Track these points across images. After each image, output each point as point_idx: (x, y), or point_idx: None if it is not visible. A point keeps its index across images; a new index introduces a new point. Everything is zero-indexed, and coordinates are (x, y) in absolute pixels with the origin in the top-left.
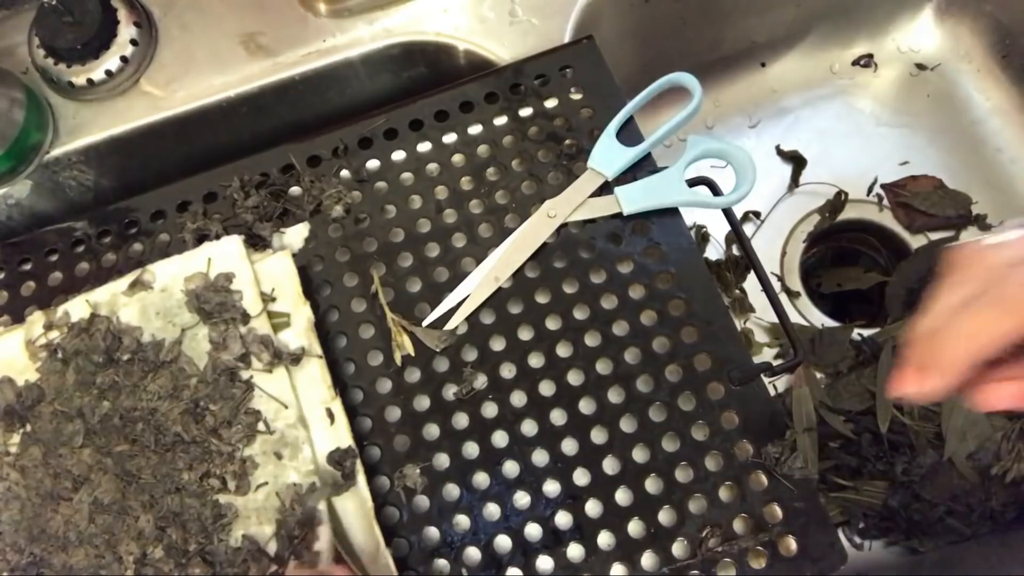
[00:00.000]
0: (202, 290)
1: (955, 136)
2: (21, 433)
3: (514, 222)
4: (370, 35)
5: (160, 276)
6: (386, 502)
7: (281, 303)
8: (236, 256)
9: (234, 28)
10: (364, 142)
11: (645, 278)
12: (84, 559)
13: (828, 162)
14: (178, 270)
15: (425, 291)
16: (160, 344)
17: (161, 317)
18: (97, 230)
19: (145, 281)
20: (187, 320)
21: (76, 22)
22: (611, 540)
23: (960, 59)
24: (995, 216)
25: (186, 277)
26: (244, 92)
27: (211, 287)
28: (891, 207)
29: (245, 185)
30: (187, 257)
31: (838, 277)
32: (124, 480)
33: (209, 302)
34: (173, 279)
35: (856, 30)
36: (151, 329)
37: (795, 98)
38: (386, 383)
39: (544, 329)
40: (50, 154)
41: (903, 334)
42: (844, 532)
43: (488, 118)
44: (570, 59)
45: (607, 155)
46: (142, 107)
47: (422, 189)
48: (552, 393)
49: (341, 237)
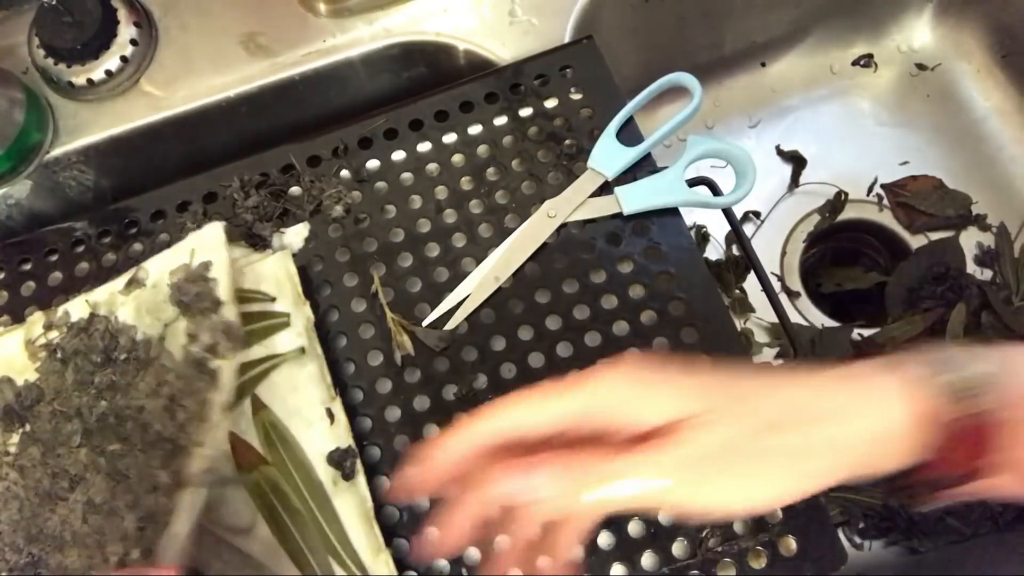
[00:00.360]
0: (183, 282)
1: (955, 136)
2: (20, 433)
3: (514, 222)
4: (370, 35)
5: (152, 272)
6: (386, 502)
7: (281, 303)
8: (216, 243)
9: (234, 28)
10: (364, 142)
11: (645, 278)
12: (77, 559)
13: (828, 162)
14: (166, 264)
15: (425, 291)
16: (149, 341)
17: (150, 313)
18: (97, 230)
19: (139, 279)
20: (170, 314)
21: (76, 22)
22: (611, 540)
23: (960, 59)
24: (995, 216)
25: (171, 271)
26: (244, 92)
27: (191, 278)
28: (891, 207)
29: (245, 185)
30: (175, 250)
31: (838, 277)
32: (115, 480)
33: (188, 294)
34: (161, 274)
35: (856, 30)
36: (143, 327)
37: (795, 98)
38: (386, 383)
39: (544, 329)
40: (50, 154)
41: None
42: (844, 532)
43: (488, 118)
44: (570, 59)
45: (607, 155)
46: (142, 107)
47: (422, 189)
48: None
49: (341, 237)
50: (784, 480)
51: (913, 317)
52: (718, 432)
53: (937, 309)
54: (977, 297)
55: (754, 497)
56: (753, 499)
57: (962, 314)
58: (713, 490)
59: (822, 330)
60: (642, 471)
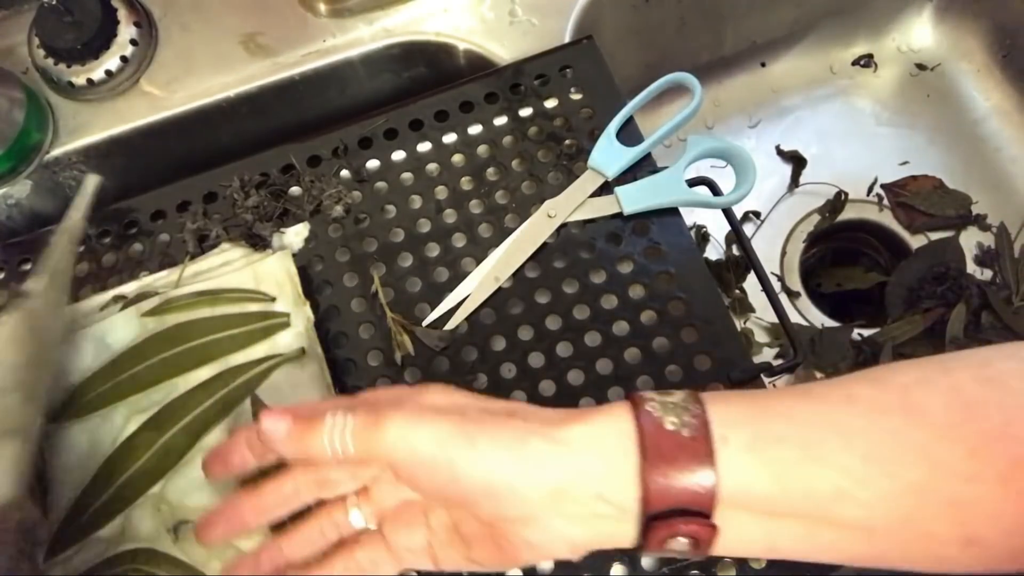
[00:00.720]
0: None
1: (955, 136)
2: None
3: (514, 222)
4: (370, 35)
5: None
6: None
7: (281, 303)
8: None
9: (234, 28)
10: (364, 142)
11: (645, 278)
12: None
13: (828, 162)
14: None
15: (425, 291)
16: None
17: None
18: (97, 230)
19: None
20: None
21: (76, 22)
22: None
23: (960, 59)
24: (995, 216)
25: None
26: (244, 92)
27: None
28: (891, 207)
29: (245, 185)
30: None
31: (838, 277)
32: None
33: None
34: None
35: (856, 30)
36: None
37: (795, 98)
38: (386, 383)
39: (544, 329)
40: (50, 154)
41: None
42: None
43: (488, 118)
44: (570, 59)
45: (607, 155)
46: (142, 107)
47: (422, 189)
48: (552, 393)
49: (341, 237)
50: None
51: (913, 317)
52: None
53: (937, 309)
54: (977, 297)
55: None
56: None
57: (962, 314)
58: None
59: (822, 330)
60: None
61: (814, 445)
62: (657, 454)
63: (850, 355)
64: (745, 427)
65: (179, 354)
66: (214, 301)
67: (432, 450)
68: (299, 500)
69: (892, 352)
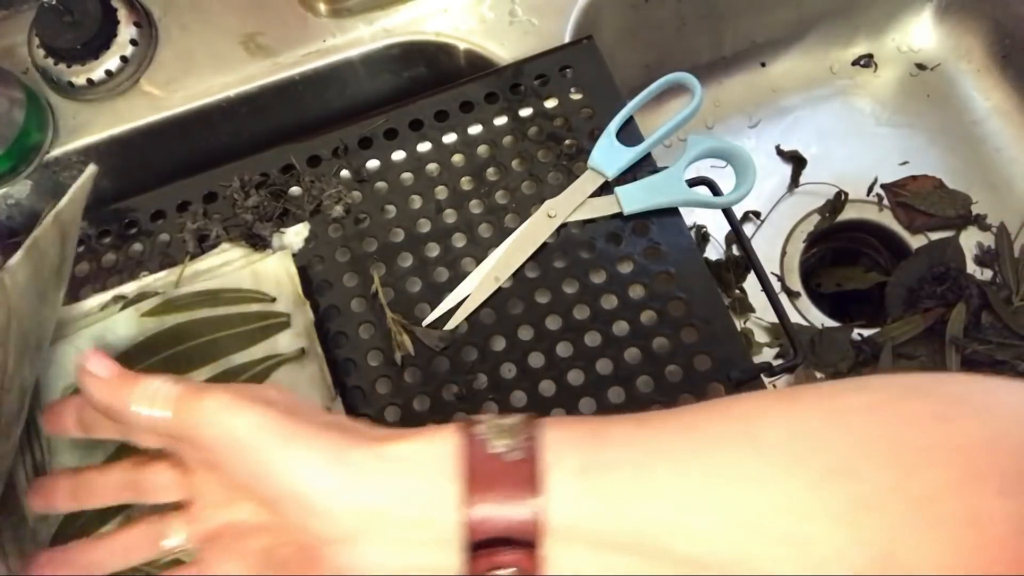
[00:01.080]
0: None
1: (955, 136)
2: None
3: (514, 222)
4: (370, 35)
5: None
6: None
7: (281, 303)
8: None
9: (234, 28)
10: (364, 142)
11: (645, 278)
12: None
13: (828, 162)
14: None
15: (425, 291)
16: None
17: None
18: (97, 230)
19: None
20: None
21: (76, 22)
22: None
23: (960, 59)
24: (995, 216)
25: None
26: (244, 92)
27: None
28: (891, 207)
29: (245, 185)
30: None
31: (838, 277)
32: None
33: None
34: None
35: (856, 30)
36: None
37: (795, 98)
38: (386, 383)
39: (544, 329)
40: (50, 154)
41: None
42: None
43: (488, 118)
44: (570, 59)
45: (607, 155)
46: (142, 107)
47: (422, 189)
48: (552, 393)
49: (341, 237)
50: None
51: (913, 317)
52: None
53: (937, 309)
54: (977, 297)
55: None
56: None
57: (962, 314)
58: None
59: (822, 330)
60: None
61: (647, 473)
62: (480, 479)
63: (850, 355)
64: (577, 453)
65: (179, 354)
66: (214, 301)
67: (248, 435)
68: (111, 496)
69: (892, 352)
